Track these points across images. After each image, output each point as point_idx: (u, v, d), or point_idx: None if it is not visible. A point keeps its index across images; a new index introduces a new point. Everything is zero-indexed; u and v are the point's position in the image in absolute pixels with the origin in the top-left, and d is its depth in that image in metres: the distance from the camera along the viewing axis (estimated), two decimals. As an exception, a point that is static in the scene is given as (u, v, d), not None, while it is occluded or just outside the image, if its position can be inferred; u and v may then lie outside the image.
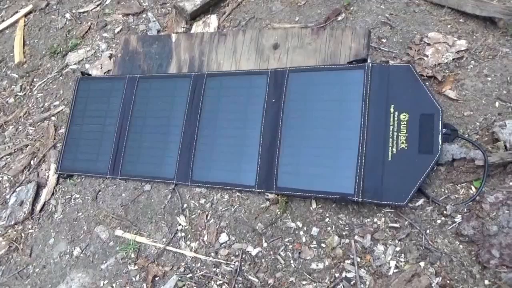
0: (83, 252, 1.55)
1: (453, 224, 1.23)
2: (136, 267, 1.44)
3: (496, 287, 1.10)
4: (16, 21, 2.58)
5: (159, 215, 1.54)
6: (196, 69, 1.73)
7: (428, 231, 1.24)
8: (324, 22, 1.79)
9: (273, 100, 1.50)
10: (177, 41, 1.81)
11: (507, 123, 1.31)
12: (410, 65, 1.33)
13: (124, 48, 1.92)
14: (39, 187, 1.80)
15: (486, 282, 1.12)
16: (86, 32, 2.31)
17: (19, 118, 2.12)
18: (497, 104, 1.41)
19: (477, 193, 1.24)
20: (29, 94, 2.20)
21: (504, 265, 1.12)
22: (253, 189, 1.44)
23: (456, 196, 1.29)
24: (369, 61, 1.44)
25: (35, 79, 2.25)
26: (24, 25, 2.54)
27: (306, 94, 1.46)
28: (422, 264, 1.19)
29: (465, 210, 1.24)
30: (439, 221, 1.25)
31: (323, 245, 1.31)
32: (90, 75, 1.96)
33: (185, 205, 1.53)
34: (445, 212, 1.25)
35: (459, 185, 1.30)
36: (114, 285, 1.43)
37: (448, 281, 1.14)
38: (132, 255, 1.47)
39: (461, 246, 1.19)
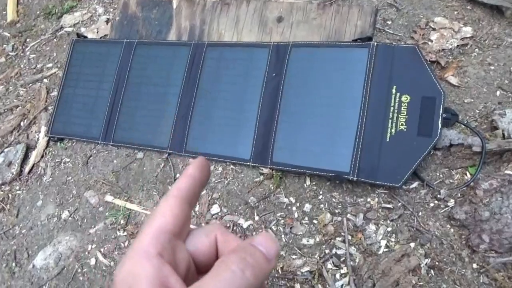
0: (72, 215, 1.53)
1: (445, 208, 1.24)
2: (125, 233, 1.43)
3: (484, 270, 1.11)
4: (10, -22, 2.48)
5: (150, 183, 1.52)
6: (196, 38, 1.68)
7: (420, 214, 1.25)
8: (329, -1, 1.75)
9: (274, 74, 1.47)
10: (178, 7, 1.75)
11: (507, 112, 1.31)
12: (416, 47, 1.31)
13: (122, 12, 1.86)
14: (28, 149, 1.76)
15: (474, 265, 1.13)
16: (83, -6, 2.23)
17: (10, 78, 2.06)
18: (498, 93, 1.41)
19: (472, 179, 1.24)
20: (21, 54, 2.13)
21: (493, 250, 1.13)
22: (248, 163, 1.43)
23: (451, 181, 1.29)
24: (373, 41, 1.41)
25: (28, 40, 2.17)
26: (19, -17, 2.44)
27: (307, 70, 1.43)
28: (412, 245, 1.20)
29: (459, 195, 1.24)
30: (432, 204, 1.25)
31: (315, 221, 1.31)
32: (86, 37, 1.90)
33: (177, 175, 1.51)
34: (438, 196, 1.25)
35: (454, 171, 1.30)
36: (102, 249, 1.41)
37: (437, 263, 1.15)
38: (122, 221, 1.45)
39: (452, 230, 1.20)
